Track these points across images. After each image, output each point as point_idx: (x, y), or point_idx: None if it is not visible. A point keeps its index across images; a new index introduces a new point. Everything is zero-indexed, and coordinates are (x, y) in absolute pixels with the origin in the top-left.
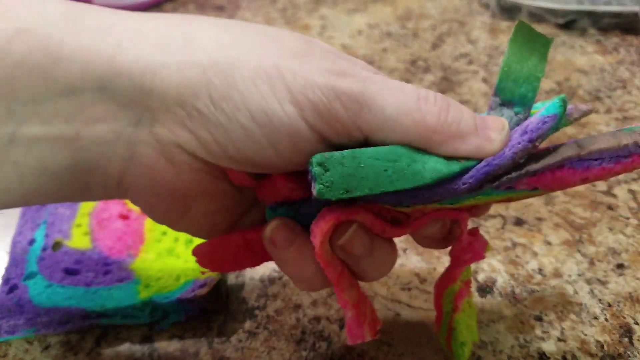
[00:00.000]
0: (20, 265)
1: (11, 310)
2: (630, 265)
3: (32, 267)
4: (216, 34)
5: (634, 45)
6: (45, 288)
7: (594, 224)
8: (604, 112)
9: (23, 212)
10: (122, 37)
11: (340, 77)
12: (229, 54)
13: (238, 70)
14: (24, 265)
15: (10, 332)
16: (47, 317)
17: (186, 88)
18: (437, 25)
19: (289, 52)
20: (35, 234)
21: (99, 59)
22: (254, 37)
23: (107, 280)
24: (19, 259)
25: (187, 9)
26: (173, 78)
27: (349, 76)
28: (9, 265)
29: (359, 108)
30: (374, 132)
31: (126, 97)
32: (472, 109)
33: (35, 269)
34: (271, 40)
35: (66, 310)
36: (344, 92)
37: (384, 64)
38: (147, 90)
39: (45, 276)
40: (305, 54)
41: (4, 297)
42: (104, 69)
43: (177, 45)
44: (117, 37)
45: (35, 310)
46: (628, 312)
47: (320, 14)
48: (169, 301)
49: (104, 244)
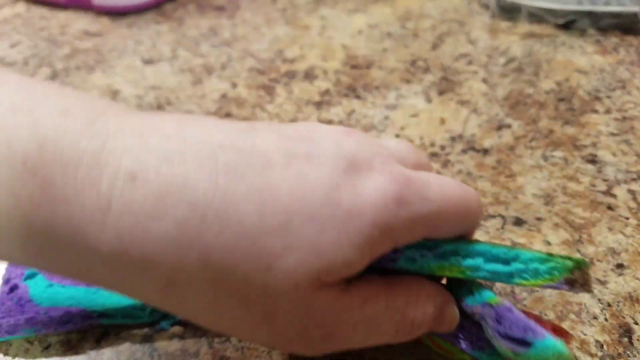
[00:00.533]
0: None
1: (11, 310)
2: (630, 265)
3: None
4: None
5: (634, 46)
6: (45, 288)
7: (593, 224)
8: (603, 112)
9: None
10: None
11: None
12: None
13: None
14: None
15: (10, 332)
16: (47, 317)
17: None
18: (437, 25)
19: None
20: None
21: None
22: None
23: None
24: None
25: (187, 9)
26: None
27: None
28: (9, 265)
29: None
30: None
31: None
32: (471, 109)
33: (31, 271)
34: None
35: (67, 310)
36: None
37: (384, 64)
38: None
39: (46, 276)
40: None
41: (5, 297)
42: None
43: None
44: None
45: (35, 310)
46: (628, 312)
47: (320, 14)
48: None
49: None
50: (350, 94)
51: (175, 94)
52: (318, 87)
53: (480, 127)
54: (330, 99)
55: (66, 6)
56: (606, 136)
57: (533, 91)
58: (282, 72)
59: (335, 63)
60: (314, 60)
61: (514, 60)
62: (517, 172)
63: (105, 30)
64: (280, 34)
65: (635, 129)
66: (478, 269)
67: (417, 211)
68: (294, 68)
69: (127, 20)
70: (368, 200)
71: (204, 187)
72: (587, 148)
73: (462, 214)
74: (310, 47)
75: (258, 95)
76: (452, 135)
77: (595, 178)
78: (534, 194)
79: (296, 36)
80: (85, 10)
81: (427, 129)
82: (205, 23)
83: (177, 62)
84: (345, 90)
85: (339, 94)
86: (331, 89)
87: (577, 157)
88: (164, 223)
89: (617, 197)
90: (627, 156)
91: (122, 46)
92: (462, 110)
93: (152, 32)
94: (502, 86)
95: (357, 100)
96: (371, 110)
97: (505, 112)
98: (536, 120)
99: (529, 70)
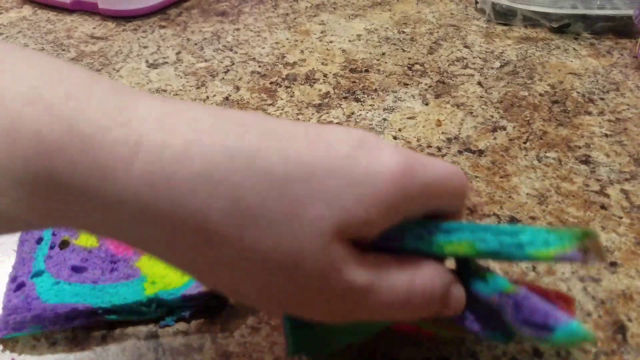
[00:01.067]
0: (27, 263)
1: (18, 308)
2: (623, 264)
3: (40, 265)
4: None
5: (627, 49)
6: (52, 285)
7: (587, 223)
8: (597, 114)
9: None
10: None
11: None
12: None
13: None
14: (31, 263)
15: (17, 329)
16: (54, 313)
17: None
18: (434, 30)
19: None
20: (43, 233)
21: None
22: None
23: (113, 278)
24: (26, 258)
25: (191, 14)
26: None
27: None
28: (16, 263)
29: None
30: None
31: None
32: (467, 112)
33: (43, 267)
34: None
35: (73, 307)
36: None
37: (382, 68)
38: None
39: (53, 274)
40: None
41: (12, 294)
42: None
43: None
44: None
45: (42, 307)
46: (621, 310)
47: (320, 19)
48: (174, 297)
49: (111, 242)
50: (349, 97)
51: (179, 97)
52: (318, 90)
53: (475, 129)
54: (330, 101)
55: (72, 10)
56: (599, 137)
57: (527, 94)
58: (283, 76)
59: (335, 67)
60: (314, 64)
61: (509, 64)
62: (511, 172)
63: (111, 34)
64: (282, 38)
65: (628, 130)
66: (488, 241)
67: (424, 179)
68: (295, 72)
69: (133, 24)
70: (385, 165)
71: (233, 138)
72: (581, 149)
73: (456, 186)
74: (311, 52)
75: (260, 98)
76: (448, 136)
77: (589, 178)
78: (528, 194)
79: (297, 41)
80: (91, 14)
81: (424, 130)
82: (208, 28)
83: (181, 66)
84: (344, 93)
85: (339, 97)
86: (331, 92)
87: (570, 157)
88: (193, 165)
89: (611, 196)
90: (620, 157)
91: (127, 50)
92: (458, 112)
93: (157, 36)
94: (497, 89)
95: (356, 103)
96: (370, 112)
97: (500, 114)
98: (530, 122)
99: (523, 73)
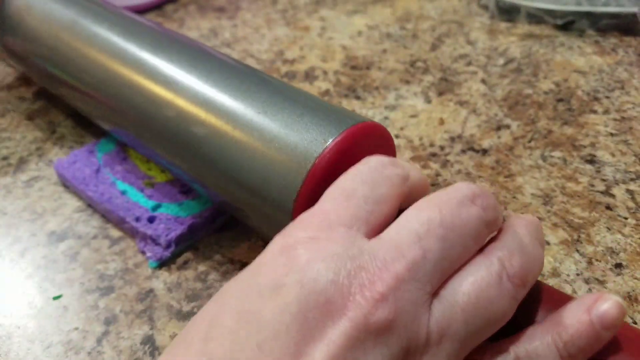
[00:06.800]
0: (136, 208)
1: (169, 227)
2: (629, 265)
3: (150, 204)
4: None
5: (632, 46)
6: (177, 206)
7: (592, 224)
8: (602, 112)
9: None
10: None
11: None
12: None
13: None
14: (136, 206)
15: (178, 242)
16: (203, 218)
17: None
18: (436, 26)
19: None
20: (119, 187)
21: None
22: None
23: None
24: (130, 206)
25: (188, 10)
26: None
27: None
28: (124, 215)
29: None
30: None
31: None
32: (470, 110)
33: (154, 203)
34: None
35: (211, 210)
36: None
37: (384, 65)
38: None
39: (171, 202)
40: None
41: (147, 226)
42: None
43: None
44: None
45: (190, 219)
46: (627, 312)
47: (320, 15)
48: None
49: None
50: (350, 95)
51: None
52: (318, 87)
53: (479, 128)
54: (330, 99)
55: None
56: (605, 136)
57: (532, 92)
58: (282, 73)
59: (335, 64)
60: (314, 61)
61: (513, 61)
62: (516, 172)
63: None
64: (281, 34)
65: (634, 129)
66: None
67: (414, 176)
68: (294, 69)
69: None
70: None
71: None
72: (586, 148)
73: (425, 185)
74: (311, 48)
75: None
76: (451, 135)
77: (594, 178)
78: (532, 194)
79: (296, 37)
80: None
81: (427, 129)
82: (206, 24)
83: None
84: (345, 90)
85: (339, 95)
86: (331, 90)
87: (575, 157)
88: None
89: (616, 197)
90: (625, 156)
91: None
92: (461, 110)
93: None
94: (501, 87)
95: (357, 101)
96: (371, 110)
97: (504, 112)
98: (535, 121)
99: (527, 70)
